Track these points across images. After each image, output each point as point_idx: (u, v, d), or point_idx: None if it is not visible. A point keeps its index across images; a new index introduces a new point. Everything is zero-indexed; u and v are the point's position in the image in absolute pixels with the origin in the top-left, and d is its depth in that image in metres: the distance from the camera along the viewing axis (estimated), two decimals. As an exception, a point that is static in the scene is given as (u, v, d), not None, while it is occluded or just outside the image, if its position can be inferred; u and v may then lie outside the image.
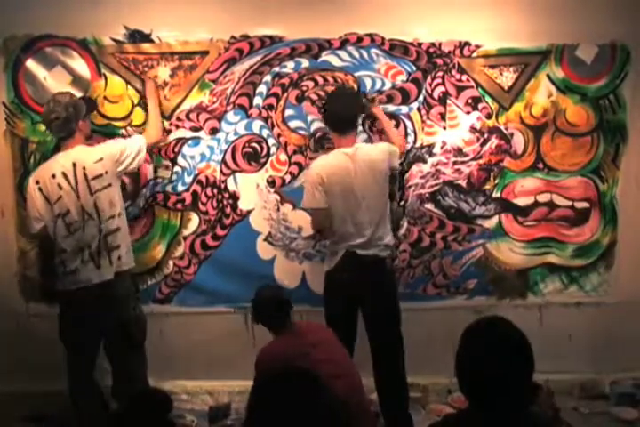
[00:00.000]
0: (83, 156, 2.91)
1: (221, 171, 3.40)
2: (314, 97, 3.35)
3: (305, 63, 3.34)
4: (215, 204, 3.43)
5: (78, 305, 2.89)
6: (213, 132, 3.38)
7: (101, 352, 3.03)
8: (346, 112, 3.08)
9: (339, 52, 3.34)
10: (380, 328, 3.05)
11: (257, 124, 3.39)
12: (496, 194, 3.47)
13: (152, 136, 3.17)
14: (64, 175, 2.87)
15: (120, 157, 2.95)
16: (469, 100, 3.40)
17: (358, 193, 3.00)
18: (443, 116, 3.40)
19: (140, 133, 3.22)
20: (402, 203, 3.44)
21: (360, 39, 3.33)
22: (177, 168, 3.39)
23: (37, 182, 2.91)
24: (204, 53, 3.32)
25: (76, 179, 2.87)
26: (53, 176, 2.88)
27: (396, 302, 3.09)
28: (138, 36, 3.29)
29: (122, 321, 2.93)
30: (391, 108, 3.38)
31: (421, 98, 3.38)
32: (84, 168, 2.87)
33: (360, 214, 3.00)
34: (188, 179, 3.40)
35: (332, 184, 2.98)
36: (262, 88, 3.36)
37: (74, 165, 2.88)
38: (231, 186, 3.42)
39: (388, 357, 3.06)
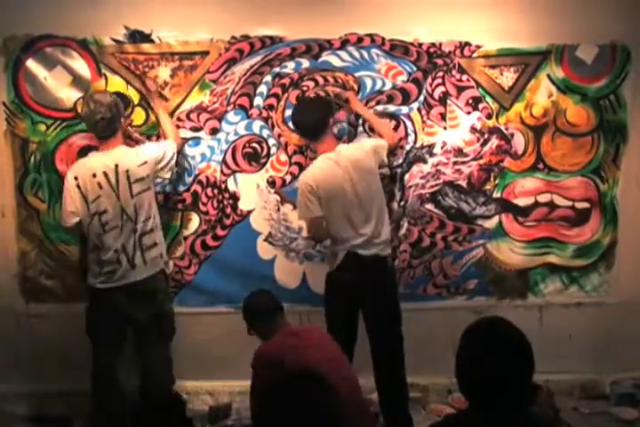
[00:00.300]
0: (126, 158, 2.96)
1: (222, 171, 3.40)
2: (314, 97, 3.35)
3: (305, 63, 3.34)
4: (215, 204, 3.43)
5: (108, 295, 2.94)
6: (214, 132, 3.38)
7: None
8: (309, 121, 3.07)
9: (339, 53, 3.34)
10: (380, 328, 3.05)
11: (257, 125, 3.39)
12: (496, 194, 3.47)
13: (177, 141, 3.21)
14: (105, 175, 2.91)
15: (161, 162, 3.03)
16: (470, 101, 3.40)
17: (350, 194, 2.99)
18: (443, 117, 3.40)
19: (141, 134, 3.27)
20: (402, 203, 3.44)
21: (360, 39, 3.33)
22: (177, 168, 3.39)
23: (76, 178, 2.94)
24: (205, 53, 3.32)
25: (118, 180, 2.91)
26: (94, 175, 2.91)
27: (397, 301, 3.09)
28: (138, 36, 3.29)
29: (156, 314, 2.99)
30: (391, 108, 3.38)
31: (422, 98, 3.38)
32: (127, 171, 2.92)
33: (356, 215, 3.00)
34: (189, 179, 3.40)
35: (324, 190, 2.98)
36: (263, 88, 3.36)
37: (116, 166, 2.92)
38: (231, 186, 3.42)
39: (388, 357, 3.05)
